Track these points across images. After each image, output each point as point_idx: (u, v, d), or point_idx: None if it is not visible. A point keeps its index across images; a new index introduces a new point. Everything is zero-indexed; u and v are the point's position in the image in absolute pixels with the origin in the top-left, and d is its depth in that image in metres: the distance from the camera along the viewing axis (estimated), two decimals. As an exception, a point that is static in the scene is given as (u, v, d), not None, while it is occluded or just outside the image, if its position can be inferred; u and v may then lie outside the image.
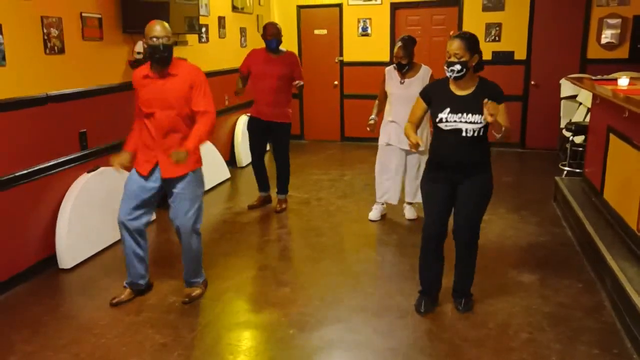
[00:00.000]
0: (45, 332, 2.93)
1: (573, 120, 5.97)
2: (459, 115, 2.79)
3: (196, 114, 3.05)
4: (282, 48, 4.72)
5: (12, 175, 3.38)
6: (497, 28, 7.10)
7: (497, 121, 2.63)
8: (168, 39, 2.96)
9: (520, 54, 7.10)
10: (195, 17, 5.37)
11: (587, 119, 5.36)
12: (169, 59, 3.00)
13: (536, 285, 3.38)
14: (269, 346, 2.82)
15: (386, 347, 2.75)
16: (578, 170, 5.38)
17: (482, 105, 2.63)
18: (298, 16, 7.92)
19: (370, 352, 2.73)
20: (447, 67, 2.79)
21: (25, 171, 3.48)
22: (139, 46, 4.40)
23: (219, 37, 6.32)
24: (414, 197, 4.54)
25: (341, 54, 7.85)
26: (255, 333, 2.98)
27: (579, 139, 5.52)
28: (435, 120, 2.89)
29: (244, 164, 6.63)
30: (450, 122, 2.81)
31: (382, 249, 4.13)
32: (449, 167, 2.90)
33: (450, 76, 2.80)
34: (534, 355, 2.66)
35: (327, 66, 7.92)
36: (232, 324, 3.07)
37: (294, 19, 7.91)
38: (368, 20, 7.62)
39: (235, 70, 6.37)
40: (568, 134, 5.69)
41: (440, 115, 2.84)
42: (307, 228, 4.53)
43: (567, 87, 6.36)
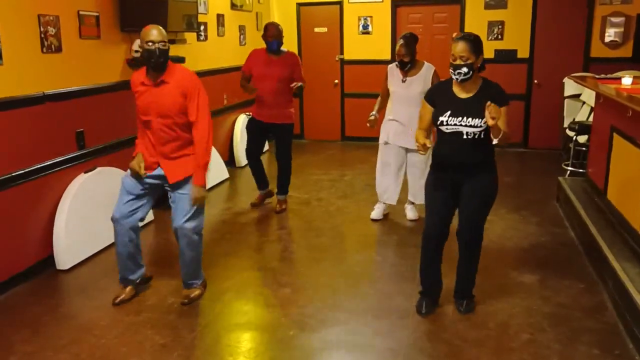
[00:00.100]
0: (45, 333, 2.92)
1: (576, 119, 5.94)
2: (459, 118, 2.77)
3: (192, 123, 3.02)
4: (283, 48, 4.70)
5: (9, 175, 3.37)
6: (499, 26, 7.06)
7: (497, 125, 2.59)
8: (164, 44, 2.94)
9: (523, 53, 7.07)
10: (193, 15, 5.35)
11: (591, 119, 5.33)
12: (165, 64, 2.98)
13: (537, 286, 3.36)
14: (269, 347, 2.81)
15: (386, 348, 2.74)
16: (581, 170, 5.35)
17: (484, 108, 2.60)
18: (298, 14, 7.89)
19: (370, 352, 2.72)
20: (453, 70, 2.74)
21: (22, 171, 3.46)
22: (136, 45, 4.38)
23: (218, 35, 6.30)
24: (416, 197, 4.52)
25: (342, 52, 7.82)
26: (255, 334, 2.97)
27: (582, 139, 5.48)
28: (436, 122, 2.86)
29: (243, 164, 6.60)
30: (451, 125, 2.79)
31: (382, 250, 4.12)
32: (451, 168, 2.88)
33: (457, 79, 2.75)
34: (534, 355, 2.64)
35: (327, 65, 7.89)
36: (231, 324, 3.06)
37: (293, 16, 7.89)
38: (369, 18, 7.59)
39: (235, 68, 6.40)
40: (571, 134, 5.66)
41: (441, 118, 2.82)
42: (307, 228, 4.51)
43: (570, 86, 6.33)
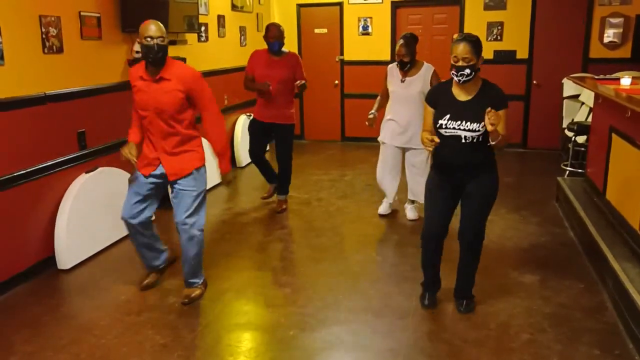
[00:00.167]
0: (45, 332, 2.92)
1: (575, 120, 5.95)
2: (458, 122, 2.76)
3: (203, 116, 3.12)
4: (284, 49, 4.72)
5: (10, 175, 3.37)
6: (499, 27, 7.07)
7: (496, 130, 2.60)
8: (163, 39, 2.92)
9: (522, 53, 7.08)
10: (194, 16, 5.36)
11: (590, 119, 5.34)
12: (164, 60, 2.97)
13: (537, 286, 3.37)
14: (269, 347, 2.82)
15: (386, 348, 2.74)
16: (580, 171, 5.36)
17: (483, 112, 2.62)
18: (298, 15, 7.90)
19: (370, 352, 2.72)
20: (456, 72, 2.72)
21: (23, 171, 3.47)
22: (137, 45, 4.38)
23: (219, 36, 6.31)
24: (415, 196, 4.53)
25: (342, 53, 7.83)
26: (255, 334, 2.97)
27: (581, 139, 5.49)
28: (435, 125, 2.87)
29: (244, 164, 6.62)
30: (449, 128, 2.79)
31: (382, 250, 4.12)
32: (452, 170, 2.89)
33: (460, 81, 2.73)
34: (534, 355, 2.65)
35: (327, 65, 7.90)
36: (232, 324, 3.06)
37: (294, 17, 7.90)
38: (369, 19, 7.60)
39: (235, 69, 6.42)
40: (570, 134, 5.67)
41: (440, 122, 2.82)
42: (308, 228, 4.51)
43: (570, 87, 6.34)
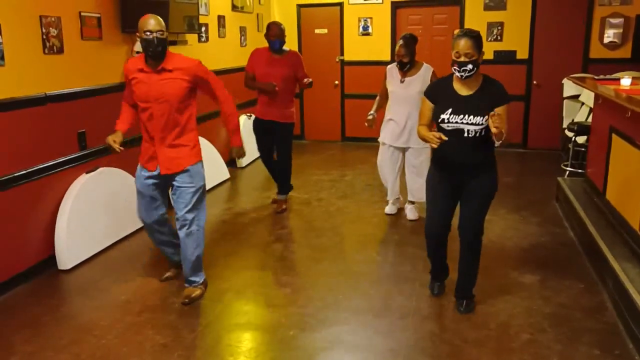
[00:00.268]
0: (45, 333, 2.93)
1: (575, 120, 5.95)
2: (461, 116, 2.77)
3: (217, 99, 3.24)
4: (285, 47, 4.71)
5: (11, 176, 3.38)
6: (499, 27, 7.07)
7: (500, 132, 2.61)
8: (162, 32, 2.94)
9: (523, 54, 7.08)
10: (194, 17, 5.36)
11: (590, 119, 5.34)
12: (163, 54, 2.99)
13: (537, 286, 3.37)
14: (269, 347, 2.82)
15: (387, 348, 2.75)
16: (580, 171, 5.36)
17: (486, 106, 2.68)
18: (298, 15, 7.91)
19: (370, 353, 2.72)
20: (458, 68, 2.73)
21: (24, 171, 3.47)
22: (138, 45, 4.38)
23: (219, 37, 6.31)
24: (414, 196, 4.54)
25: (342, 54, 7.84)
26: (255, 334, 2.98)
27: (581, 139, 5.49)
28: (437, 120, 2.87)
29: (244, 165, 6.62)
30: (452, 122, 2.80)
31: (382, 250, 4.12)
32: (452, 167, 2.89)
33: (462, 76, 2.74)
34: (534, 356, 2.65)
35: (327, 66, 7.90)
36: (232, 324, 3.06)
37: (294, 18, 7.90)
38: (369, 20, 7.60)
39: (236, 69, 6.42)
40: (570, 134, 5.67)
41: (442, 116, 2.82)
42: (308, 229, 4.52)
43: (570, 87, 6.34)
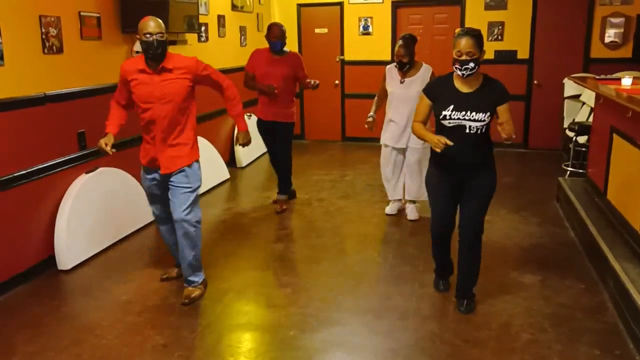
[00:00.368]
0: (46, 333, 2.92)
1: (576, 120, 5.94)
2: (463, 113, 2.78)
3: (221, 89, 3.29)
4: (286, 48, 4.73)
5: (10, 176, 3.37)
6: (499, 27, 7.07)
7: (510, 136, 2.74)
8: (162, 34, 2.97)
9: (523, 53, 7.07)
10: (194, 16, 5.36)
11: (591, 119, 5.33)
12: (163, 55, 3.01)
13: (538, 286, 3.37)
14: (269, 347, 2.81)
15: (387, 349, 2.74)
16: (581, 171, 5.35)
17: (488, 103, 2.76)
18: (298, 15, 7.90)
19: (371, 353, 2.72)
20: (460, 66, 2.74)
21: (23, 171, 3.47)
22: (137, 45, 4.38)
23: (219, 36, 6.31)
24: (412, 195, 4.54)
25: (342, 53, 7.83)
26: (256, 334, 2.97)
27: (582, 139, 5.48)
28: (438, 117, 2.87)
29: (244, 164, 6.62)
30: (454, 119, 2.80)
31: (383, 250, 4.11)
32: (452, 167, 2.89)
33: (463, 75, 2.75)
34: (535, 356, 2.65)
35: (327, 65, 7.90)
36: (232, 325, 3.06)
37: (294, 17, 7.89)
38: (369, 19, 7.60)
39: (236, 69, 6.41)
40: (571, 134, 5.66)
41: (444, 113, 2.82)
42: (308, 229, 4.51)
43: (570, 87, 6.33)
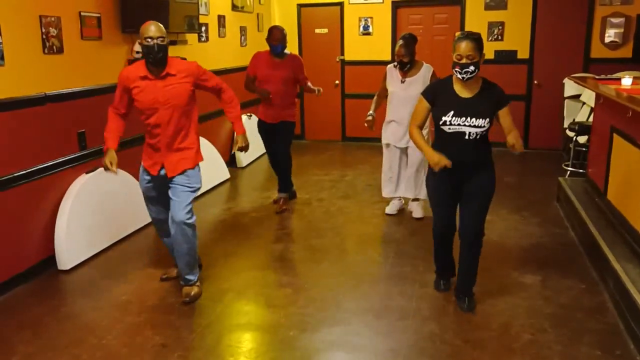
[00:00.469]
0: (45, 333, 2.92)
1: (576, 120, 5.94)
2: (463, 119, 2.77)
3: (219, 92, 3.37)
4: (286, 51, 4.76)
5: (10, 176, 3.37)
6: (499, 27, 7.06)
7: (522, 149, 2.77)
8: (163, 39, 2.99)
9: (523, 53, 7.07)
10: (194, 16, 5.36)
11: (591, 119, 5.33)
12: (164, 59, 3.03)
13: (538, 286, 3.36)
14: (269, 347, 2.81)
15: (387, 349, 2.74)
16: (581, 171, 5.35)
17: (489, 109, 2.77)
18: (298, 15, 7.90)
19: (371, 353, 2.71)
20: (460, 70, 2.73)
21: (23, 171, 3.47)
22: (138, 45, 4.38)
23: (219, 37, 6.31)
24: (417, 193, 4.53)
25: (342, 53, 7.83)
26: (256, 334, 2.97)
27: (582, 139, 5.48)
28: (438, 122, 2.86)
29: (244, 165, 6.62)
30: (454, 125, 2.79)
31: (383, 250, 4.11)
32: (452, 168, 2.88)
33: (464, 78, 2.75)
34: (535, 356, 2.64)
35: (328, 65, 7.90)
36: (232, 325, 3.06)
37: (294, 17, 7.89)
38: (369, 19, 7.60)
39: (236, 69, 6.41)
40: (571, 134, 5.66)
41: (444, 119, 2.82)
42: (308, 229, 4.51)
43: (571, 87, 6.33)
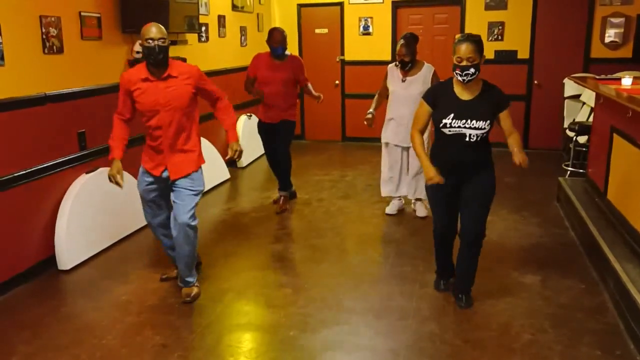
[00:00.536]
0: (45, 333, 2.92)
1: (576, 120, 5.94)
2: (463, 121, 2.77)
3: (215, 101, 3.28)
4: (287, 52, 4.76)
5: (10, 176, 3.37)
6: (499, 27, 7.06)
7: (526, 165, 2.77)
8: (164, 40, 2.99)
9: (523, 53, 7.07)
10: (195, 16, 5.36)
11: (591, 119, 5.33)
12: (165, 61, 3.03)
13: (538, 286, 3.36)
14: (270, 347, 2.81)
15: (387, 349, 2.74)
16: (581, 171, 5.35)
17: (489, 111, 2.78)
18: (299, 15, 7.90)
19: (371, 353, 2.71)
20: (460, 72, 2.73)
21: (23, 171, 3.47)
22: (138, 46, 4.38)
23: (219, 37, 6.31)
24: (419, 193, 4.54)
25: (342, 53, 7.83)
26: (256, 334, 2.97)
27: (582, 139, 5.48)
28: (438, 124, 2.86)
29: (244, 165, 6.62)
30: (455, 127, 2.79)
31: (383, 250, 4.11)
32: (452, 169, 2.89)
33: (464, 80, 2.75)
34: (535, 356, 2.64)
35: (328, 65, 7.89)
36: (232, 325, 3.06)
37: (294, 17, 7.89)
38: (369, 19, 7.60)
39: (236, 69, 6.42)
40: (571, 134, 5.66)
41: (445, 121, 2.82)
42: (308, 229, 4.51)
43: (571, 87, 6.33)
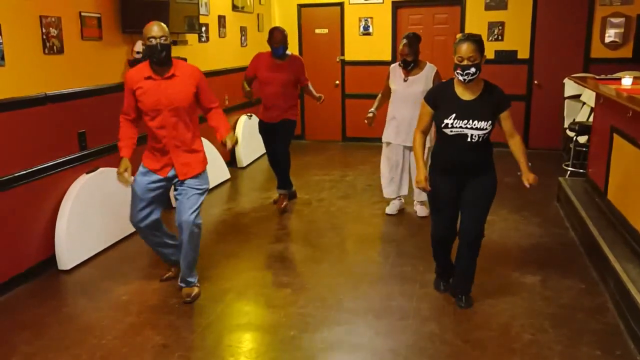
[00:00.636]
0: (46, 334, 2.92)
1: (576, 120, 5.94)
2: (465, 121, 2.77)
3: (210, 109, 3.26)
4: (287, 52, 4.75)
5: (11, 176, 3.38)
6: (499, 27, 7.07)
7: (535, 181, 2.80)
8: (166, 39, 3.00)
9: (524, 53, 7.07)
10: (195, 17, 5.37)
11: (591, 119, 5.33)
12: (168, 59, 3.04)
13: (538, 286, 3.36)
14: (270, 347, 2.81)
15: (387, 349, 2.74)
16: (581, 171, 5.35)
17: (491, 111, 2.78)
18: (299, 15, 7.90)
19: (371, 353, 2.71)
20: (462, 72, 2.73)
21: (24, 171, 3.47)
22: (138, 46, 4.39)
23: (219, 37, 6.31)
24: (424, 196, 4.53)
25: (342, 53, 7.83)
26: (256, 334, 2.97)
27: (582, 139, 5.48)
28: (440, 125, 2.86)
29: (244, 165, 6.62)
30: (456, 127, 2.79)
31: (383, 250, 4.11)
32: (453, 170, 2.89)
33: (465, 80, 2.75)
34: (536, 356, 2.64)
35: (328, 66, 7.89)
36: (233, 325, 3.06)
37: (294, 18, 7.90)
38: (369, 19, 7.60)
39: (236, 69, 6.42)
40: (571, 134, 5.67)
41: (446, 121, 2.82)
42: (308, 229, 4.51)
43: (571, 87, 6.33)
